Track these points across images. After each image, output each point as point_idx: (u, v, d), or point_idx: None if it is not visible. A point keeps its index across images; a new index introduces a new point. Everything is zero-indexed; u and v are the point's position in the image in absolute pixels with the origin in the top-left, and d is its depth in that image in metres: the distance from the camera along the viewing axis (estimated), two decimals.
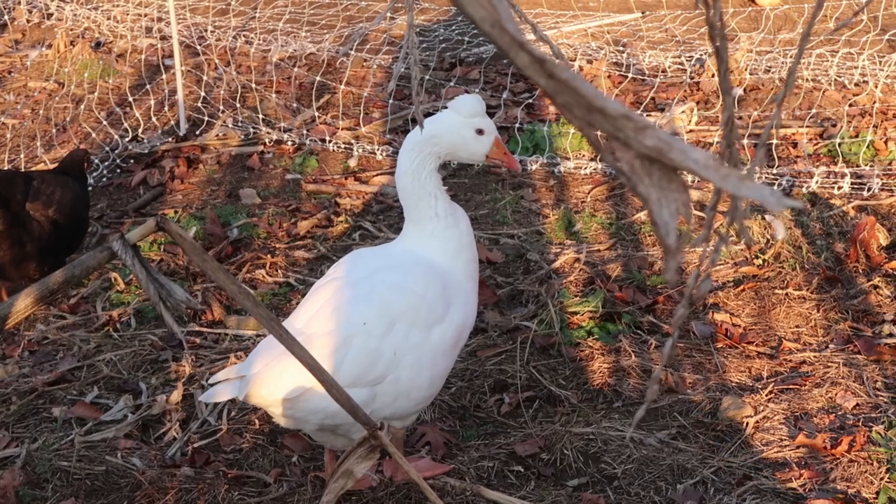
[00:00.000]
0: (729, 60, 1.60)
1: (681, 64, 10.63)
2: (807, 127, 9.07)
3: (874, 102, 9.16)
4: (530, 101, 9.83)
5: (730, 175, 1.20)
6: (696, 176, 1.25)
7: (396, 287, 4.69)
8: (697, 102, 9.75)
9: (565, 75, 1.18)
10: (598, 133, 1.29)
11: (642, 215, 7.73)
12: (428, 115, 9.62)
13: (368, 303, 4.63)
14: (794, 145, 8.86)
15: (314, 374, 2.27)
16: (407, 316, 4.62)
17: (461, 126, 4.78)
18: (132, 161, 9.03)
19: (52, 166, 8.75)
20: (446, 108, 4.88)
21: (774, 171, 8.28)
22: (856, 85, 9.97)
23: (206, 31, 11.71)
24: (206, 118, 9.60)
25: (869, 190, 7.87)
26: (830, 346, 6.11)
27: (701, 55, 10.74)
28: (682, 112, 9.33)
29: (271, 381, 4.44)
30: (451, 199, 4.90)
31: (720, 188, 1.30)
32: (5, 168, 8.56)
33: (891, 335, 6.12)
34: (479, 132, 4.81)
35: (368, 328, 4.56)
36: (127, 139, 9.29)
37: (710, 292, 6.68)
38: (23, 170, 8.39)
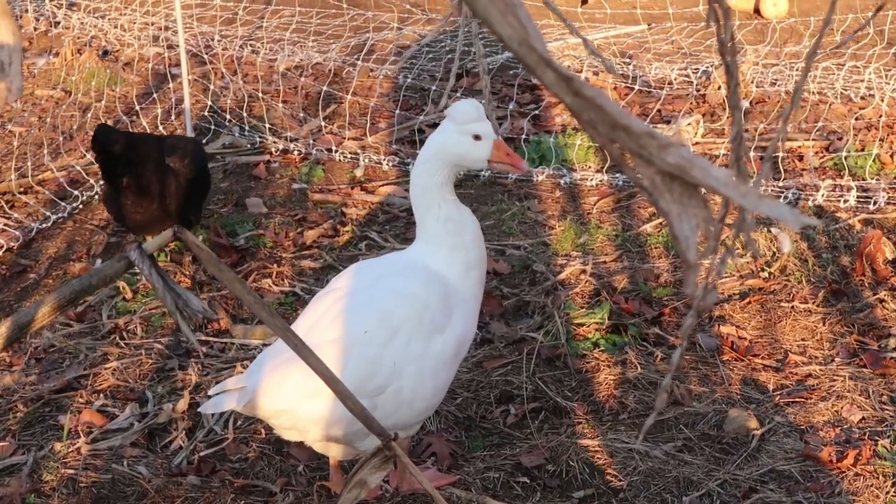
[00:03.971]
0: (737, 75, 1.61)
1: (687, 76, 10.64)
2: (813, 140, 9.09)
3: (880, 116, 9.17)
4: (536, 112, 9.84)
5: (749, 193, 1.21)
6: (717, 193, 1.26)
7: (398, 293, 4.67)
8: (703, 115, 9.76)
9: (591, 93, 1.19)
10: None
11: (648, 227, 7.74)
12: (434, 125, 9.65)
13: (369, 310, 4.62)
14: (800, 158, 8.88)
15: (329, 384, 2.28)
16: (408, 323, 4.60)
17: (458, 133, 4.71)
18: None
19: (59, 175, 8.78)
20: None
21: (781, 183, 8.29)
22: (862, 98, 9.98)
23: (212, 40, 11.74)
24: (212, 127, 9.62)
25: (875, 203, 7.87)
26: (836, 359, 6.12)
27: (707, 67, 10.76)
28: (689, 124, 9.34)
29: (271, 392, 4.43)
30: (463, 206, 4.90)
31: (733, 202, 1.32)
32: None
33: None
34: (477, 138, 4.72)
35: (369, 336, 4.55)
36: None
37: (715, 304, 6.68)
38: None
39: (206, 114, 9.86)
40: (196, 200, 7.33)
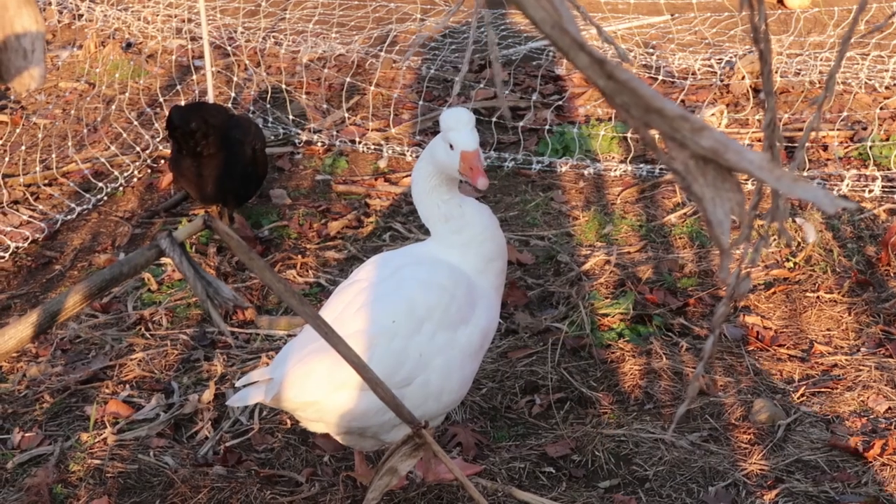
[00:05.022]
0: (771, 61, 1.61)
1: (710, 66, 10.60)
2: (837, 130, 9.05)
3: None
4: (560, 102, 9.83)
5: (784, 176, 1.20)
6: (751, 176, 1.26)
7: (424, 283, 4.66)
8: (727, 105, 9.73)
9: (624, 76, 1.19)
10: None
11: (672, 217, 7.73)
12: None
13: (396, 300, 4.61)
14: (825, 148, 8.84)
15: (359, 371, 2.29)
16: (435, 313, 4.59)
17: (442, 139, 4.65)
18: (163, 161, 9.07)
19: (83, 167, 8.81)
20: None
21: (805, 173, 8.26)
22: (886, 88, 9.93)
23: (235, 32, 11.75)
24: None
25: None
26: (862, 349, 6.10)
27: (731, 58, 10.72)
28: (712, 115, 9.32)
29: (297, 383, 4.43)
30: (478, 202, 4.86)
31: (766, 188, 1.31)
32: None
33: None
34: (452, 147, 4.62)
35: (395, 327, 4.54)
36: (157, 139, 9.33)
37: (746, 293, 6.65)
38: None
39: (229, 105, 9.88)
40: (239, 182, 7.59)
